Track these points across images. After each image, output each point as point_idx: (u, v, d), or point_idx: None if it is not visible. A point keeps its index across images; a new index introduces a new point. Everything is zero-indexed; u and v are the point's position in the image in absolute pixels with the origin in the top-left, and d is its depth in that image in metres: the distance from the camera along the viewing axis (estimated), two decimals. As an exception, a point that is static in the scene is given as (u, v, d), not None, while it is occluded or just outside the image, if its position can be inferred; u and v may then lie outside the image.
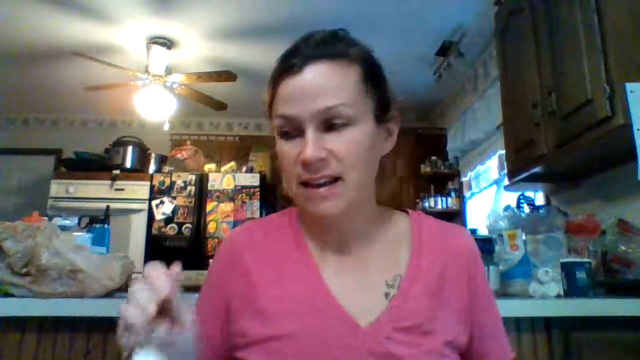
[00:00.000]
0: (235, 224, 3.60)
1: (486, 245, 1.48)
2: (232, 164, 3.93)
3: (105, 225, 1.74)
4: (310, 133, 0.61)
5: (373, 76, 0.67)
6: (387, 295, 0.64)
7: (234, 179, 3.75)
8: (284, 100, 0.63)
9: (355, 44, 0.68)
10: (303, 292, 0.64)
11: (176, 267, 0.52)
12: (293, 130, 0.63)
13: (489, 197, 3.46)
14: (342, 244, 0.69)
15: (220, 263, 0.72)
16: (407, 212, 0.76)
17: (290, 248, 0.69)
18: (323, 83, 0.62)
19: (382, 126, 0.68)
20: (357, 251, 0.69)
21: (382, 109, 0.67)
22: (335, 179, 0.62)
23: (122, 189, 3.77)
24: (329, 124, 0.62)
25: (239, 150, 4.41)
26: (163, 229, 3.65)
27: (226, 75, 3.21)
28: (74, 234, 1.44)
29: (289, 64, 0.63)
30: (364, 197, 0.67)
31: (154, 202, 3.71)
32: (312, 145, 0.60)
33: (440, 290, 0.66)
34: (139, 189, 3.76)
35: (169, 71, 3.43)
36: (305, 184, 0.63)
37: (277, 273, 0.67)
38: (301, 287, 0.65)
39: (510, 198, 2.37)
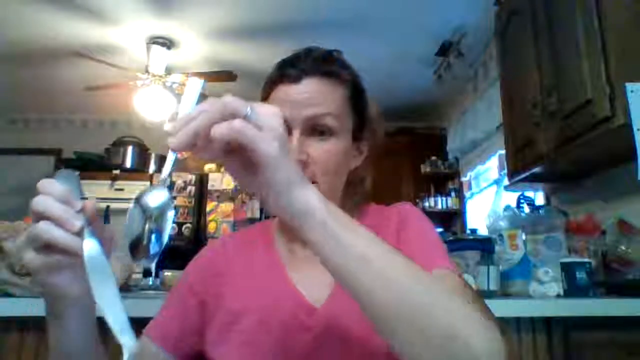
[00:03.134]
0: (235, 224, 3.60)
1: (486, 245, 1.48)
2: (232, 164, 3.93)
3: (105, 225, 1.74)
4: (296, 135, 0.67)
5: (357, 98, 0.74)
6: None
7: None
8: (277, 103, 0.68)
9: (347, 67, 0.75)
10: (267, 286, 0.70)
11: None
12: None
13: (489, 197, 3.46)
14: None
15: (197, 264, 0.79)
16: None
17: (260, 250, 0.76)
18: (315, 94, 0.68)
19: (355, 144, 0.75)
20: None
21: (359, 129, 0.75)
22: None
23: (122, 189, 3.77)
24: (314, 130, 0.68)
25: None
26: (163, 229, 3.65)
27: (226, 75, 3.21)
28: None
29: (286, 73, 0.70)
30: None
31: (154, 202, 3.70)
32: (296, 146, 0.66)
33: None
34: (139, 189, 3.74)
35: (169, 71, 3.43)
36: None
37: (245, 272, 0.73)
38: (265, 282, 0.71)
39: (510, 198, 2.37)
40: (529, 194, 2.27)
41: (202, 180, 3.77)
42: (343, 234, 0.46)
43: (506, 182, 2.26)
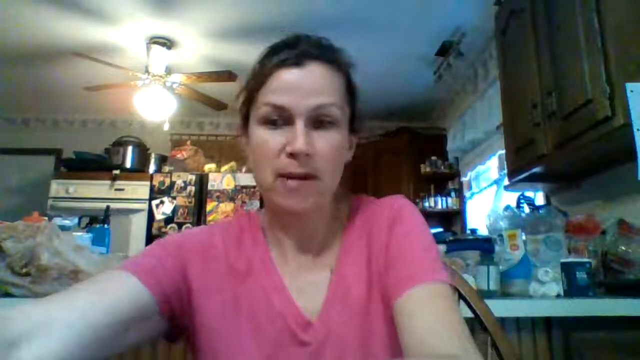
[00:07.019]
0: (235, 224, 3.60)
1: (486, 245, 1.48)
2: (232, 164, 3.93)
3: (105, 225, 1.75)
4: (300, 126, 0.61)
5: (352, 87, 0.69)
6: (330, 279, 0.68)
7: (234, 179, 3.75)
8: (278, 89, 0.62)
9: (344, 53, 0.69)
10: (264, 297, 0.66)
11: None
12: (280, 120, 0.62)
13: (489, 197, 3.46)
14: (301, 244, 0.71)
15: (167, 251, 0.67)
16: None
17: (252, 254, 0.70)
18: (321, 81, 0.63)
19: (349, 136, 0.70)
20: (313, 247, 0.71)
21: (354, 120, 0.70)
22: (313, 177, 0.62)
23: (122, 189, 3.77)
24: (317, 121, 0.63)
25: (239, 150, 4.40)
26: (163, 229, 3.65)
27: (226, 75, 3.21)
28: (74, 234, 1.44)
29: (287, 56, 0.63)
30: (327, 200, 0.69)
31: (154, 202, 3.71)
32: (303, 137, 0.60)
33: (368, 263, 0.68)
34: (139, 189, 3.76)
35: (169, 71, 3.43)
36: (283, 176, 0.62)
37: (234, 279, 0.67)
38: (263, 293, 0.66)
39: (510, 198, 2.37)
40: (529, 194, 2.28)
41: (202, 180, 3.78)
42: None
43: (506, 182, 2.26)
